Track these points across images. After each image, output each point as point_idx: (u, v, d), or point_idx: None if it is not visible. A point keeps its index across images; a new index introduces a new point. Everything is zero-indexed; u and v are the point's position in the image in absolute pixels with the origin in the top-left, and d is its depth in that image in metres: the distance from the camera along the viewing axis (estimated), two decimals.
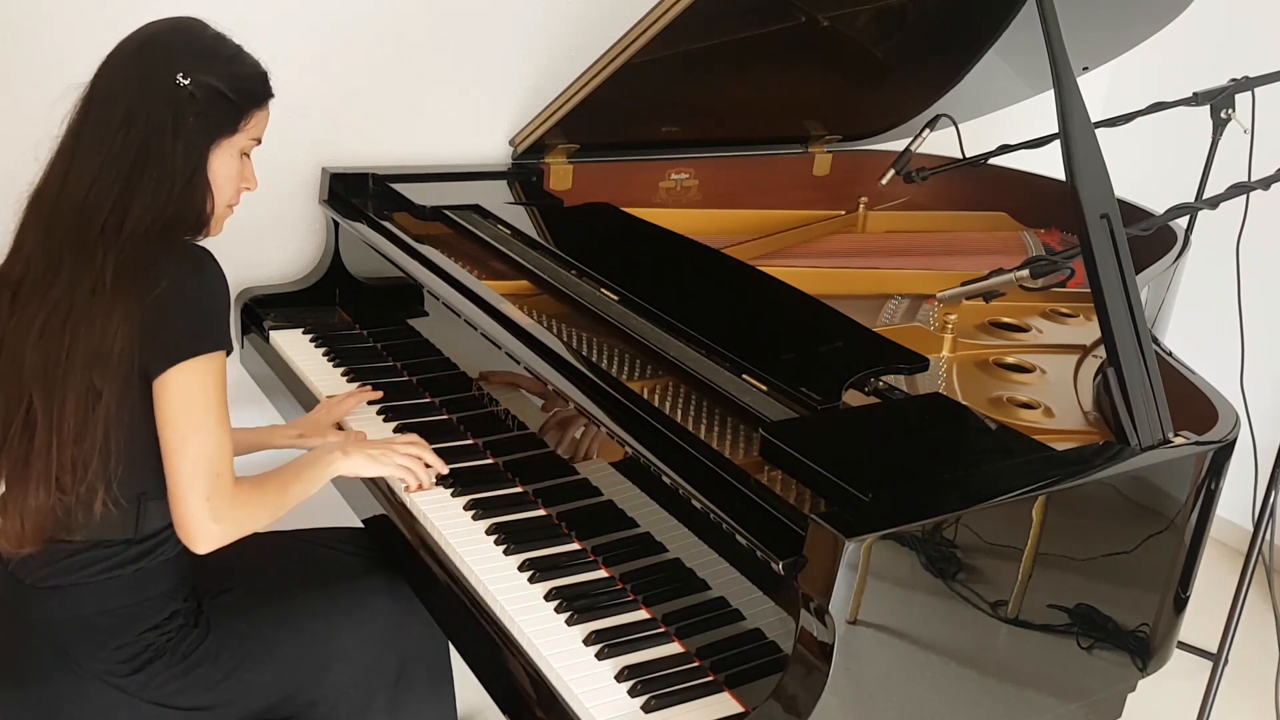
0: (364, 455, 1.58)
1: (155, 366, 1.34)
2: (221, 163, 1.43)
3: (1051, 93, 1.39)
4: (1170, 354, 1.72)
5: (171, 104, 1.36)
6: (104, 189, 1.34)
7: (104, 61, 1.40)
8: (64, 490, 1.35)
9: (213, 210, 1.43)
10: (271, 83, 1.48)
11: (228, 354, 1.40)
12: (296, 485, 1.51)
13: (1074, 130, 1.37)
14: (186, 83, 1.37)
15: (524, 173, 2.37)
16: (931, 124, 2.37)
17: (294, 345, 2.08)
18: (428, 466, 1.61)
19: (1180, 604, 1.45)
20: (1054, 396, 1.62)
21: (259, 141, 1.50)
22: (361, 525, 1.73)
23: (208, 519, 1.37)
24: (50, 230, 1.36)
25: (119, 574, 1.41)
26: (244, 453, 1.76)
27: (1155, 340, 1.72)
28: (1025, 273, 1.55)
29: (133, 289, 1.32)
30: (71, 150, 1.38)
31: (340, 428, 1.79)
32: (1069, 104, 1.37)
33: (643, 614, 1.40)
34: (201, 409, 1.36)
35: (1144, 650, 1.44)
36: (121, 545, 1.41)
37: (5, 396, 1.38)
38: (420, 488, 1.60)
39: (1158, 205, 1.97)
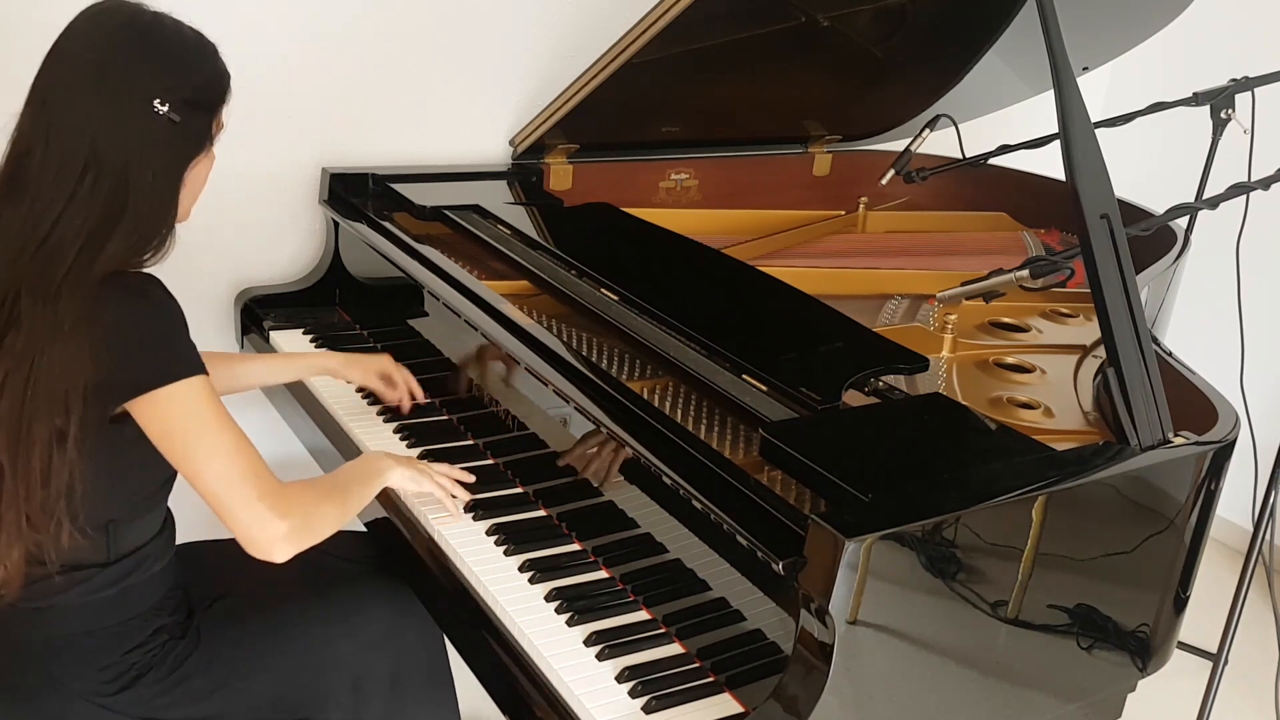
0: (411, 470, 1.55)
1: (117, 399, 1.28)
2: (198, 170, 1.36)
3: (1051, 93, 1.39)
4: (1170, 354, 1.72)
5: (148, 136, 1.26)
6: (70, 232, 1.24)
7: (51, 79, 1.27)
8: (37, 529, 1.30)
9: (177, 217, 1.35)
10: (222, 55, 1.36)
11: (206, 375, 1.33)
12: (357, 488, 1.47)
13: (1074, 130, 1.37)
14: (165, 110, 1.26)
15: (524, 173, 2.37)
16: (931, 124, 2.37)
17: (294, 345, 2.08)
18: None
19: (1180, 604, 1.45)
20: (1054, 396, 1.62)
21: (224, 127, 1.39)
22: (364, 529, 1.73)
23: (271, 518, 1.30)
24: (6, 267, 1.26)
25: (102, 595, 1.38)
26: (295, 378, 1.82)
27: (1155, 340, 1.72)
28: (1025, 273, 1.55)
29: (88, 326, 1.24)
30: (34, 185, 1.26)
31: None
32: (1069, 104, 1.37)
33: (643, 615, 1.40)
34: (199, 428, 1.30)
35: (1144, 650, 1.44)
36: (96, 569, 1.37)
37: None
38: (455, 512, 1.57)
39: (1158, 205, 1.98)
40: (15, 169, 1.28)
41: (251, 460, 1.32)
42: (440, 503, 1.56)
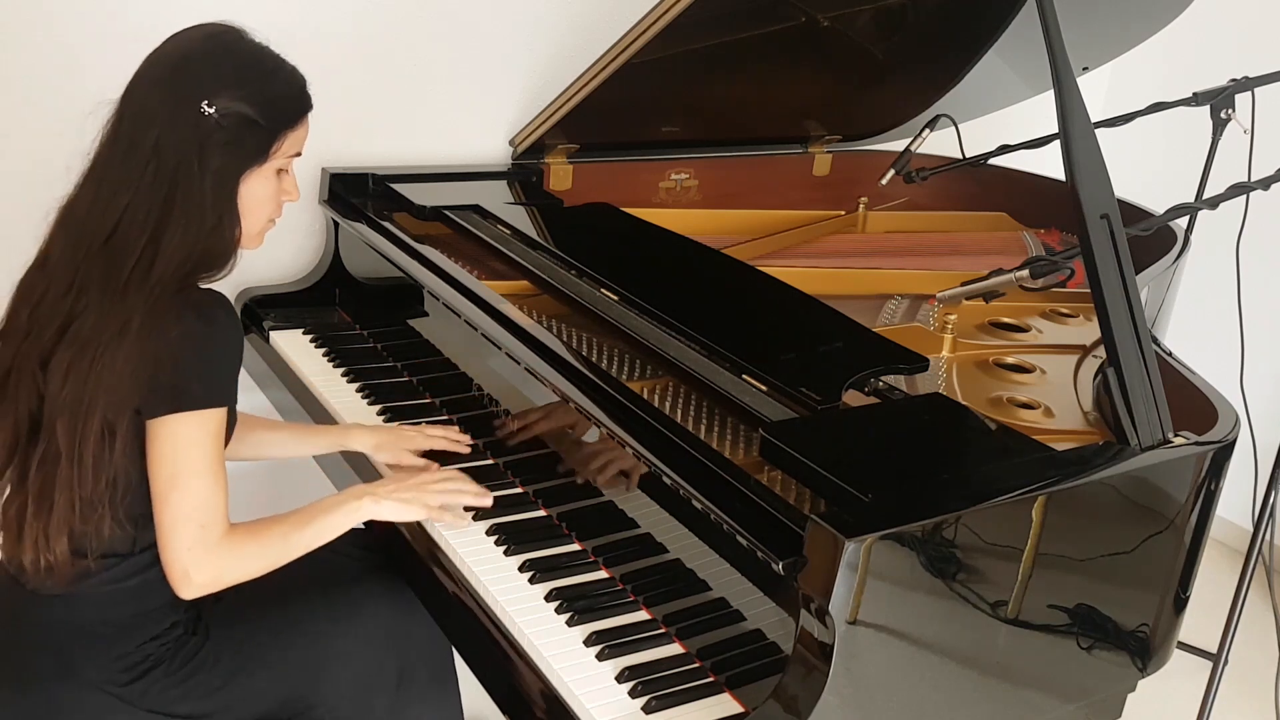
0: (395, 501, 1.51)
1: (151, 410, 1.32)
2: (255, 188, 1.39)
3: (1051, 93, 1.39)
4: (1170, 354, 1.72)
5: (198, 134, 1.32)
6: (135, 223, 1.31)
7: (136, 76, 1.35)
8: (84, 521, 1.34)
9: (240, 238, 1.40)
10: (310, 91, 1.43)
11: (230, 409, 1.37)
12: (306, 532, 1.44)
13: (1074, 130, 1.37)
14: (211, 111, 1.32)
15: (524, 173, 2.37)
16: (931, 124, 2.37)
17: (294, 345, 2.08)
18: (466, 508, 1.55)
19: (1180, 604, 1.45)
20: (1054, 396, 1.62)
21: (299, 154, 1.44)
22: (363, 527, 1.73)
23: (187, 566, 1.35)
24: (77, 253, 1.33)
25: (123, 585, 1.40)
26: (317, 452, 1.75)
27: (1155, 340, 1.72)
28: (1025, 273, 1.55)
29: (150, 334, 1.29)
30: (102, 172, 1.34)
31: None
32: (1069, 104, 1.37)
33: (643, 615, 1.40)
34: (191, 461, 1.33)
35: (1144, 650, 1.44)
36: (119, 558, 1.40)
37: (15, 418, 1.36)
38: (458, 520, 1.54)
39: (1158, 205, 1.98)
40: (95, 154, 1.36)
41: (213, 511, 1.36)
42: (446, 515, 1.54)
